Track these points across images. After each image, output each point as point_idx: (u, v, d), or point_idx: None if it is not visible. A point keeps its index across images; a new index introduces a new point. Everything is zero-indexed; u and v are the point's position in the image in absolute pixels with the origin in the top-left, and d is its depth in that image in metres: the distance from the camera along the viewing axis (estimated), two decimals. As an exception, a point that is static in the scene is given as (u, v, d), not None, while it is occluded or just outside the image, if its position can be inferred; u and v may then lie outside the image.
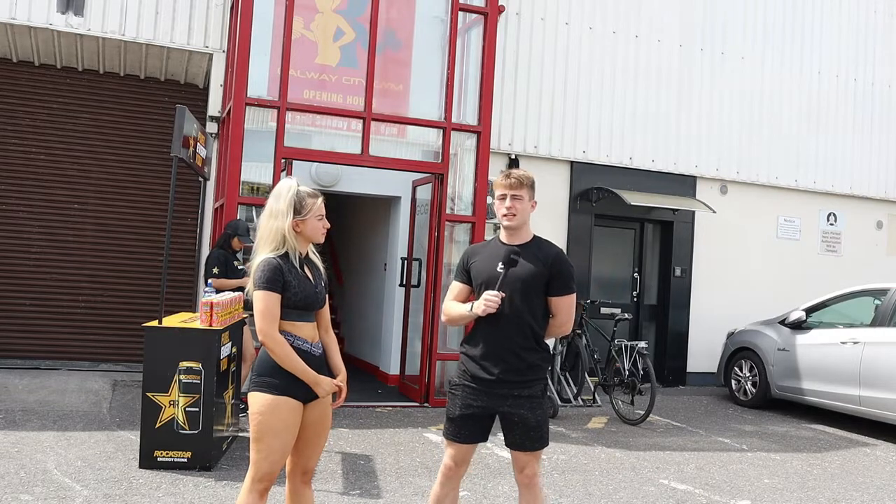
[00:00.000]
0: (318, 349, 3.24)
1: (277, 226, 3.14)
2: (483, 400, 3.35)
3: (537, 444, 3.36)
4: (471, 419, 3.37)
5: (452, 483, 3.48)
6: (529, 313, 3.34)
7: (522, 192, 3.41)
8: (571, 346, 8.31)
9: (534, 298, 3.35)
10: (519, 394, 3.32)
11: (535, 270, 3.34)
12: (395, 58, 8.27)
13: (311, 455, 3.28)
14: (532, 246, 3.43)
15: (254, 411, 3.10)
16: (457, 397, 3.41)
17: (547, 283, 3.36)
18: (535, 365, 3.36)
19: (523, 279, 3.32)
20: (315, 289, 3.21)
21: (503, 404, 3.33)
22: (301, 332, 3.15)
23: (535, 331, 3.37)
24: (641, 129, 10.19)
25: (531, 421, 3.32)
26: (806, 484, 5.83)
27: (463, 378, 3.41)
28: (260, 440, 3.09)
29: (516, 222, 3.42)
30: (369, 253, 10.66)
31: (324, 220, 3.25)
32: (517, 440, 3.35)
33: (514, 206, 3.40)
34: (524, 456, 3.36)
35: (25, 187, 8.65)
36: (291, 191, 3.18)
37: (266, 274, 3.07)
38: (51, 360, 8.65)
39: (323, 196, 3.28)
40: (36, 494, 4.52)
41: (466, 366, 3.42)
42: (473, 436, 3.41)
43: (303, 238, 3.21)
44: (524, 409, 3.31)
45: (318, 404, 3.20)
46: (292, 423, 3.11)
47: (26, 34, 8.10)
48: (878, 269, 11.31)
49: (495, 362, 3.33)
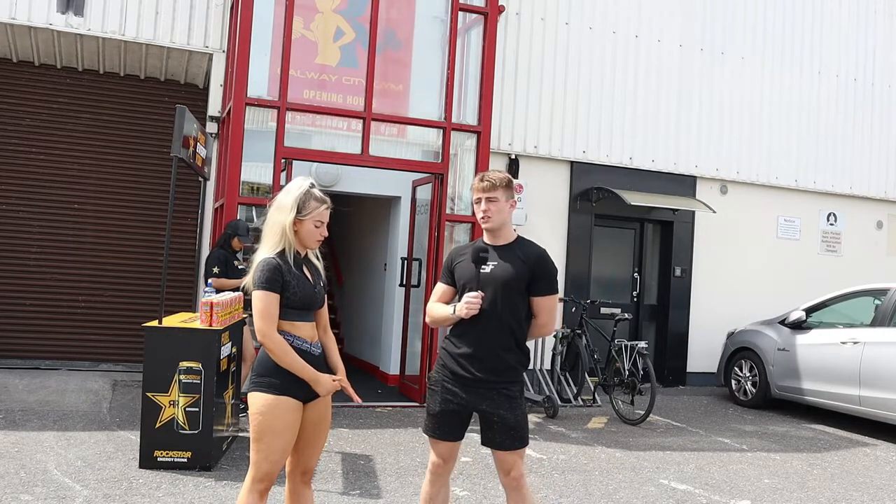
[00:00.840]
0: (318, 349, 3.24)
1: (280, 220, 3.15)
2: (461, 397, 3.38)
3: (518, 443, 3.38)
4: (450, 416, 3.41)
5: (442, 480, 3.50)
6: (511, 314, 3.37)
7: (497, 193, 3.40)
8: (571, 346, 8.32)
9: (516, 299, 3.38)
10: (497, 393, 3.35)
11: (517, 271, 3.36)
12: (395, 58, 8.27)
13: (311, 455, 3.27)
14: (515, 246, 3.45)
15: (254, 411, 3.10)
16: (436, 393, 3.45)
17: (529, 283, 3.38)
18: (512, 366, 3.39)
19: (505, 280, 3.35)
20: (314, 289, 3.21)
21: (481, 403, 3.36)
22: (300, 331, 3.15)
23: (516, 331, 3.39)
24: (641, 129, 10.19)
25: (510, 420, 3.34)
26: (806, 484, 5.83)
27: (442, 374, 3.45)
28: (260, 440, 3.08)
29: (492, 224, 3.43)
30: (369, 253, 10.66)
31: (322, 227, 3.23)
32: (497, 439, 3.37)
33: (489, 208, 3.41)
34: (508, 457, 3.38)
35: (25, 187, 8.65)
36: (301, 189, 3.18)
37: (265, 274, 3.07)
38: (51, 360, 8.65)
39: (329, 205, 3.25)
40: (36, 494, 4.52)
41: (446, 361, 3.45)
42: (452, 432, 3.43)
43: (299, 238, 3.20)
44: (503, 409, 3.34)
45: (318, 404, 3.20)
46: (292, 422, 3.10)
47: (26, 34, 8.10)
48: (878, 269, 11.31)
49: (474, 361, 3.36)
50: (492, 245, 3.47)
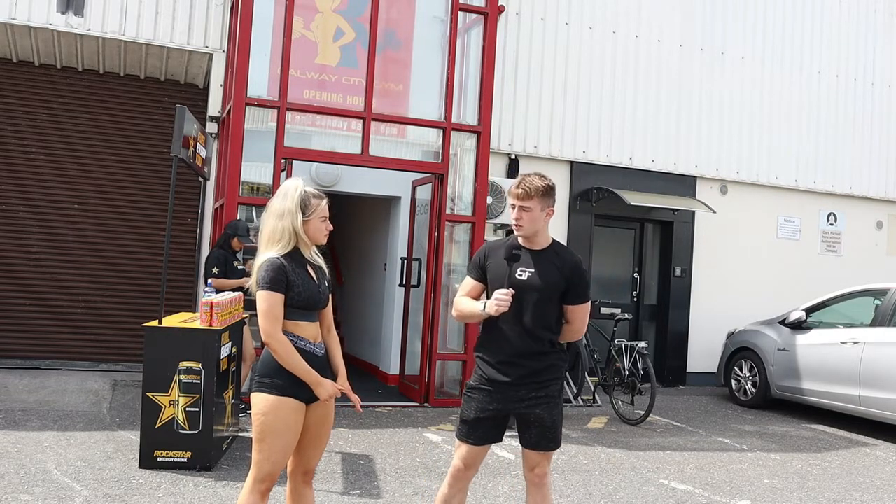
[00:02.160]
0: (321, 349, 3.24)
1: (285, 225, 3.14)
2: (499, 402, 3.35)
3: (552, 445, 3.37)
4: (486, 421, 3.38)
5: (460, 485, 3.47)
6: (544, 320, 3.34)
7: (531, 203, 3.32)
8: (571, 346, 8.32)
9: (550, 305, 3.35)
10: (536, 395, 3.33)
11: (553, 280, 3.33)
12: (395, 58, 8.27)
13: (312, 455, 3.28)
14: (549, 252, 3.41)
15: (256, 412, 3.10)
16: (473, 400, 3.40)
17: (564, 291, 3.36)
18: (552, 365, 3.38)
19: (540, 287, 3.32)
20: (318, 288, 3.21)
21: (519, 406, 3.34)
22: (304, 332, 3.16)
23: (551, 337, 3.38)
24: (641, 129, 10.19)
25: (547, 421, 3.33)
26: (806, 484, 5.83)
27: (480, 382, 3.40)
28: (262, 440, 3.08)
29: (524, 232, 3.38)
30: (369, 253, 10.66)
31: (327, 221, 3.26)
32: (532, 439, 3.36)
33: (521, 216, 3.35)
34: (537, 455, 3.38)
35: (25, 187, 8.65)
36: (298, 190, 3.18)
37: (269, 274, 3.06)
38: (51, 360, 8.65)
39: (327, 198, 3.29)
40: (36, 494, 4.52)
41: (483, 370, 3.40)
42: (487, 436, 3.41)
43: (307, 238, 3.21)
44: (540, 409, 3.33)
45: (320, 405, 3.20)
46: (294, 423, 3.11)
47: (26, 34, 8.10)
48: (878, 269, 11.31)
49: (512, 367, 3.33)
50: (526, 248, 3.41)
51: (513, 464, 5.84)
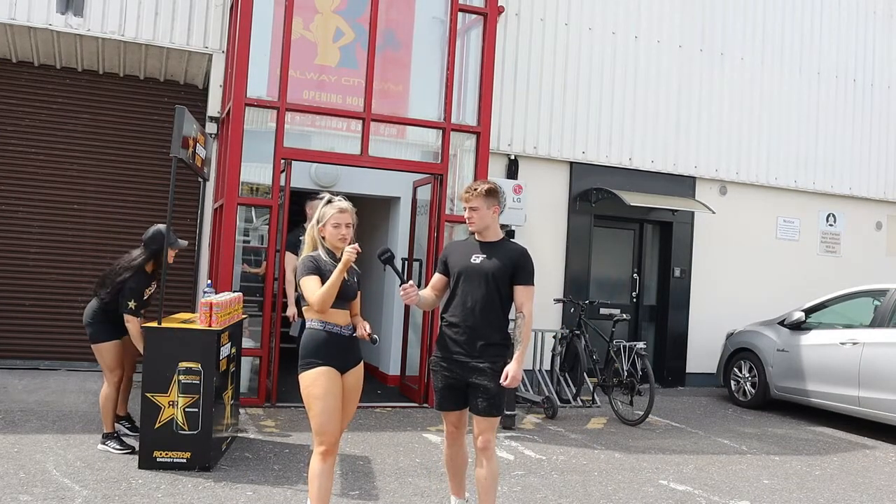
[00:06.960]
0: (349, 331, 3.94)
1: (310, 232, 4.01)
2: (456, 373, 4.00)
3: (494, 411, 3.95)
4: (451, 389, 4.05)
5: (458, 443, 4.14)
6: (495, 301, 3.98)
7: (477, 202, 4.03)
8: (570, 346, 8.32)
9: (500, 288, 3.99)
10: (483, 367, 3.92)
11: (502, 265, 3.99)
12: (394, 58, 8.27)
13: (344, 417, 3.92)
14: (499, 245, 4.10)
15: (302, 387, 3.80)
16: (437, 372, 4.09)
17: (512, 274, 3.99)
18: (497, 344, 3.97)
19: (492, 272, 3.98)
20: (347, 282, 3.91)
21: (471, 376, 3.95)
22: (333, 318, 3.88)
23: (500, 316, 4.00)
24: (641, 130, 10.19)
25: (491, 389, 3.92)
26: (805, 485, 5.83)
27: (439, 353, 4.08)
28: (310, 408, 3.78)
29: (475, 228, 4.09)
30: (369, 253, 10.63)
31: (341, 227, 3.93)
32: (476, 405, 3.96)
33: (471, 215, 4.07)
34: (482, 422, 3.96)
35: (25, 188, 8.64)
36: (322, 203, 3.99)
37: (304, 265, 3.88)
38: (50, 360, 8.64)
39: (342, 208, 3.97)
40: (35, 495, 4.52)
41: (442, 344, 4.06)
42: (456, 402, 4.06)
43: (329, 242, 3.95)
44: (485, 379, 3.92)
45: (352, 374, 3.94)
46: (333, 387, 3.79)
47: (26, 34, 8.10)
48: (877, 269, 11.31)
49: (465, 342, 3.97)
50: (481, 241, 4.12)
51: (512, 464, 5.84)
